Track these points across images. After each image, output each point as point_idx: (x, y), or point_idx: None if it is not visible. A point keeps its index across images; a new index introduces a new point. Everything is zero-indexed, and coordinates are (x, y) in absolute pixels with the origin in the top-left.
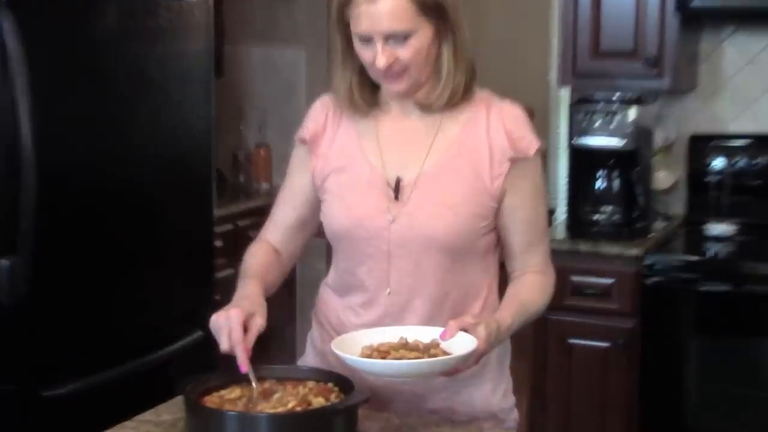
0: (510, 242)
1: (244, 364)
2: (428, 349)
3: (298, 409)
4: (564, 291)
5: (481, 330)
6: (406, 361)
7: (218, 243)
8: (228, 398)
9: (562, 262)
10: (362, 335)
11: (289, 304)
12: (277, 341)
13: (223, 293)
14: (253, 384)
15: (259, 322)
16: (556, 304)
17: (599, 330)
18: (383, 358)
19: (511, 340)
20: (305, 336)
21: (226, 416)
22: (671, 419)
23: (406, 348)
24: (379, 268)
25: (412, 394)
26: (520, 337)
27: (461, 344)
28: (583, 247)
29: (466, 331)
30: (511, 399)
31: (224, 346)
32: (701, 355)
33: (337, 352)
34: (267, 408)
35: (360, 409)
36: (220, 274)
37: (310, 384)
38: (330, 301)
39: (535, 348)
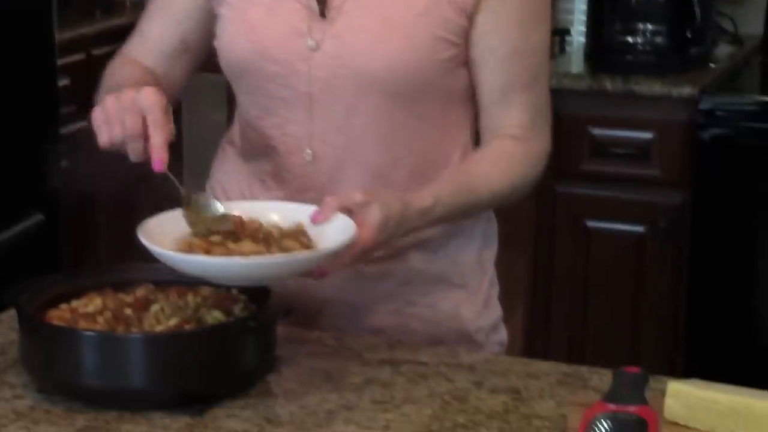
0: (480, 87)
1: (160, 159)
2: (281, 239)
3: (187, 327)
4: (580, 151)
5: (373, 212)
6: (220, 258)
7: (64, 81)
8: (84, 312)
9: (578, 107)
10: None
11: (172, 173)
12: None
13: (74, 157)
14: (182, 192)
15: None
16: (568, 169)
17: (631, 208)
18: (207, 252)
19: (498, 222)
20: None
21: (80, 338)
22: (730, 334)
23: (253, 237)
24: (295, 120)
25: (350, 307)
26: (512, 218)
27: (340, 233)
28: (610, 84)
29: (350, 213)
30: (496, 312)
31: (114, 133)
32: None
33: (142, 239)
34: (144, 325)
35: (280, 326)
36: (68, 129)
37: (205, 291)
38: (231, 167)
39: (538, 233)
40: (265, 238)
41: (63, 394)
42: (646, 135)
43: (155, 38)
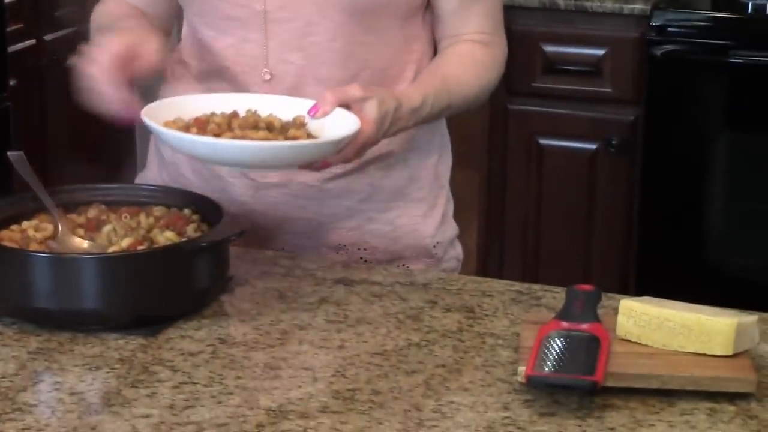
0: None
1: (130, 108)
2: (286, 130)
3: (139, 248)
4: (532, 67)
5: (371, 107)
6: (238, 141)
7: None
8: (34, 235)
9: (530, 23)
10: (196, 101)
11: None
12: (109, 150)
13: (22, 76)
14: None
15: (153, 49)
16: (520, 87)
17: (583, 125)
18: (216, 135)
19: (451, 141)
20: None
21: (32, 260)
22: (682, 251)
23: (253, 125)
24: (251, 39)
25: (310, 224)
26: (465, 137)
27: (341, 127)
28: (562, 1)
29: (348, 108)
30: (452, 227)
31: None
32: (729, 159)
33: (146, 120)
34: (94, 247)
35: (233, 246)
36: (16, 47)
37: (157, 211)
38: (184, 88)
39: (490, 152)
40: (267, 127)
41: (15, 316)
42: (598, 51)
43: None
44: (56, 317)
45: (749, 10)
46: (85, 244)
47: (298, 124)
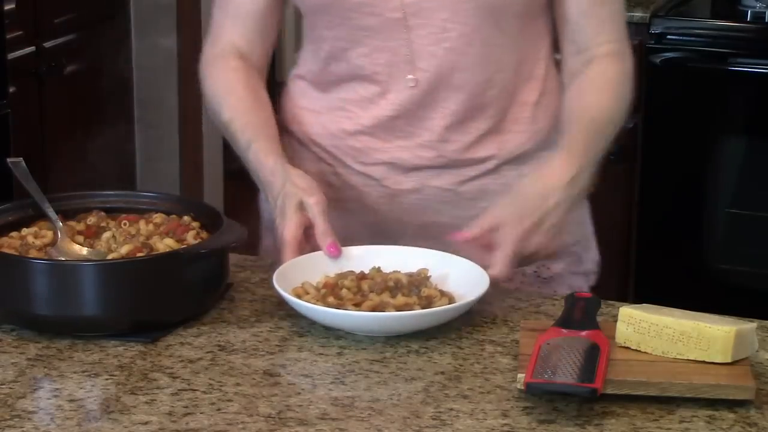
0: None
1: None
2: (414, 286)
3: (139, 255)
4: None
5: (504, 237)
6: (381, 314)
7: (9, 5)
8: (33, 242)
9: None
10: (315, 259)
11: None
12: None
13: (21, 83)
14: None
15: (317, 200)
16: None
17: None
18: (356, 304)
19: None
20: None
21: (31, 267)
22: (680, 258)
23: (383, 286)
24: (388, 47)
25: (442, 227)
26: None
27: (465, 273)
28: None
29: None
30: (589, 228)
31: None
32: (728, 166)
33: (279, 290)
34: (93, 254)
35: (232, 253)
36: (15, 54)
37: (157, 218)
38: (307, 101)
39: None
40: (396, 285)
41: (15, 323)
42: None
43: (238, 7)
44: (55, 324)
45: (748, 18)
46: (84, 251)
47: (423, 277)
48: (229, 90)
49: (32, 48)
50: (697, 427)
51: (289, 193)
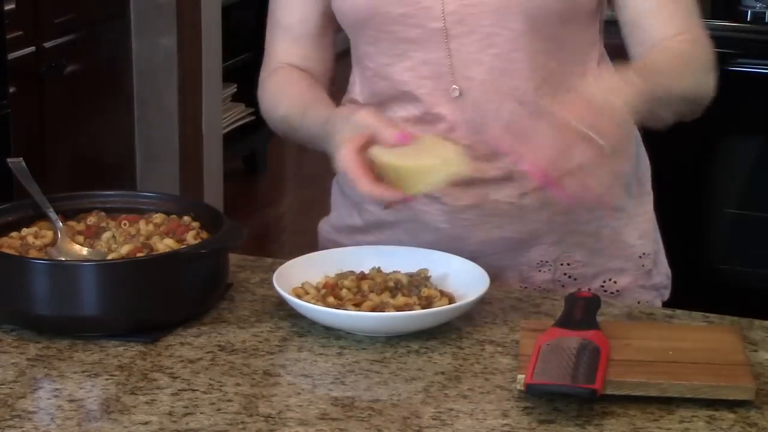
0: None
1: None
2: (414, 287)
3: (139, 255)
4: None
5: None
6: (380, 314)
7: (9, 5)
8: (33, 242)
9: None
10: (315, 259)
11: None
12: (108, 157)
13: (22, 83)
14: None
15: (365, 112)
16: None
17: None
18: (356, 304)
19: None
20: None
21: (31, 267)
22: (681, 257)
23: (382, 287)
24: (431, 59)
25: (506, 242)
26: None
27: (464, 274)
28: None
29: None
30: (659, 241)
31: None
32: (728, 167)
33: (279, 290)
34: (93, 255)
35: (232, 254)
36: (15, 54)
37: (157, 218)
38: None
39: None
40: (396, 285)
41: (15, 323)
42: None
43: (292, 25)
44: (55, 324)
45: (748, 18)
46: (84, 251)
47: (423, 277)
48: (288, 84)
49: (32, 48)
50: (697, 427)
51: (338, 127)
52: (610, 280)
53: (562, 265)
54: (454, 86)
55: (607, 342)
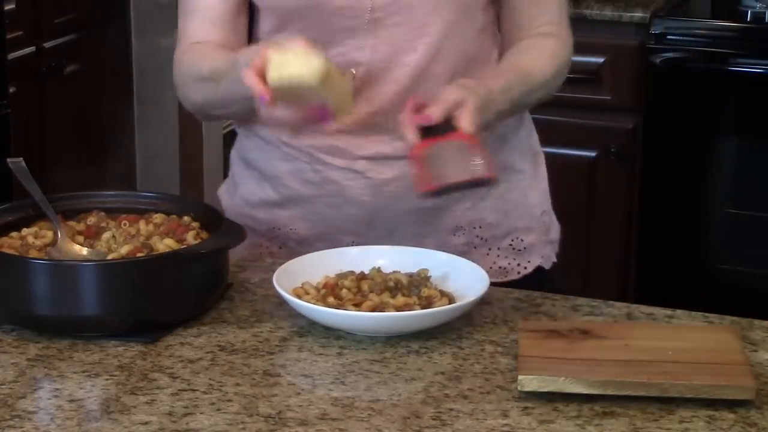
0: None
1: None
2: (414, 286)
3: (139, 255)
4: None
5: (470, 103)
6: (382, 314)
7: (9, 6)
8: (33, 242)
9: None
10: (315, 259)
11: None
12: (108, 157)
13: (22, 83)
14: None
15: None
16: None
17: (583, 133)
18: (356, 304)
19: None
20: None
21: (31, 267)
22: (680, 257)
23: (382, 287)
24: (362, 45)
25: (425, 211)
26: None
27: (465, 272)
28: None
29: (451, 119)
30: (549, 198)
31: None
32: (728, 166)
33: (279, 290)
34: (93, 255)
35: (232, 253)
36: (15, 54)
37: (157, 218)
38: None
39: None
40: (396, 285)
41: (15, 323)
42: (598, 59)
43: (215, 5)
44: (55, 324)
45: (748, 18)
46: (84, 251)
47: (423, 277)
48: (211, 48)
49: (32, 48)
50: (697, 427)
51: (243, 57)
52: (517, 238)
53: (474, 228)
54: (392, 72)
55: (470, 135)
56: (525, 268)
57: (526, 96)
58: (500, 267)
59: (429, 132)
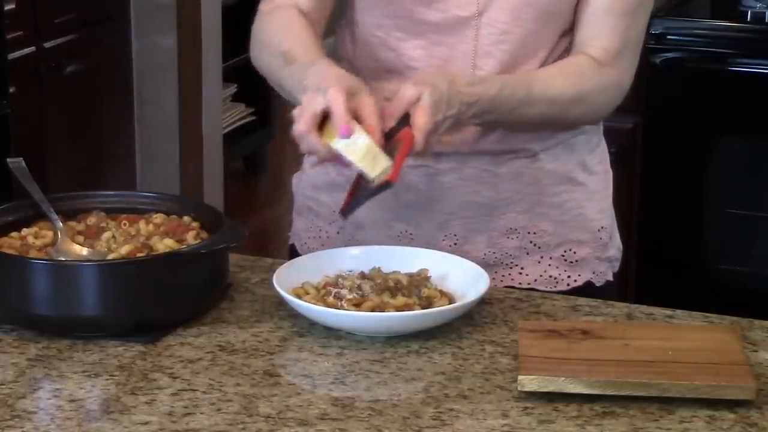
0: (587, 3)
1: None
2: (414, 286)
3: (139, 255)
4: None
5: (425, 97)
6: (382, 314)
7: (10, 5)
8: (33, 242)
9: None
10: (315, 259)
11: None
12: (108, 157)
13: (22, 83)
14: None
15: (370, 100)
16: None
17: None
18: (356, 304)
19: None
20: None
21: (31, 267)
22: (680, 257)
23: (383, 287)
24: (444, 42)
25: (479, 207)
26: None
27: (464, 272)
28: None
29: (407, 119)
30: (614, 217)
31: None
32: (729, 167)
33: (280, 290)
34: (93, 255)
35: (232, 253)
36: (15, 54)
37: (157, 218)
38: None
39: None
40: (396, 285)
41: (15, 323)
42: None
43: None
44: (55, 324)
45: (748, 18)
46: (84, 251)
47: (423, 277)
48: (297, 24)
49: (32, 48)
50: (697, 427)
51: (309, 86)
52: (570, 250)
53: (529, 233)
54: (470, 69)
55: (411, 135)
56: (575, 280)
57: (521, 102)
58: (551, 276)
59: (388, 133)
